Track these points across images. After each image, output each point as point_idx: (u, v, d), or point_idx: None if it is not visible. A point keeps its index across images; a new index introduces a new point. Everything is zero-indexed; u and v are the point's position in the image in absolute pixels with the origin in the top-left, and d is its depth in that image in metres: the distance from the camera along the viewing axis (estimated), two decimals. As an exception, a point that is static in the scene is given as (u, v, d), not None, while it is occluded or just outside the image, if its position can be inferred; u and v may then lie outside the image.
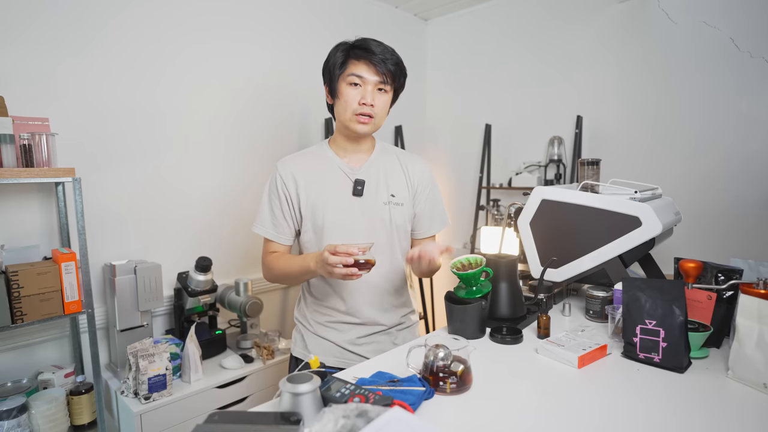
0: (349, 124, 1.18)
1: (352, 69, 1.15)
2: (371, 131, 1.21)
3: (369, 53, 1.14)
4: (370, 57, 1.14)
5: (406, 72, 1.21)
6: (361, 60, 1.15)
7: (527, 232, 1.40)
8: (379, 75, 1.15)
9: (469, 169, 2.93)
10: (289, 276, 1.22)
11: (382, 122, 1.22)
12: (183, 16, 1.96)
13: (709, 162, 2.04)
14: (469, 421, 0.79)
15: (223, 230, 2.17)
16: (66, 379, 1.62)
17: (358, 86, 1.15)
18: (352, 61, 1.15)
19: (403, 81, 1.22)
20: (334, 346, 1.25)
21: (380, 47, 1.16)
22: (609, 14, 2.30)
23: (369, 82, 1.15)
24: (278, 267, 1.23)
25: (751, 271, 1.20)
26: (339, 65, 1.16)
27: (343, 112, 1.18)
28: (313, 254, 1.13)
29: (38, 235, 1.67)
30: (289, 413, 0.71)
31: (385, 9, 2.80)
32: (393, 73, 1.17)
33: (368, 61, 1.14)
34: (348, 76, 1.15)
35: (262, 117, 2.28)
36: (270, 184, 1.26)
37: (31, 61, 1.61)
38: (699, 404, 0.84)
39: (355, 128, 1.18)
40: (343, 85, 1.17)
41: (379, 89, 1.17)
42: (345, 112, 1.17)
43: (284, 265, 1.21)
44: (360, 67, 1.15)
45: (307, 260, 1.14)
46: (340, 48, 1.18)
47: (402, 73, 1.20)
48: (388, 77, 1.16)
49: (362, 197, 1.22)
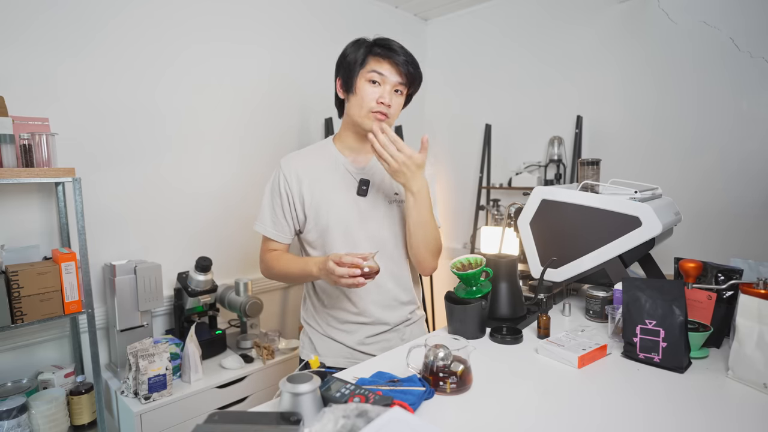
0: (363, 121, 1.16)
1: (375, 66, 1.13)
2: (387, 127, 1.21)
3: (392, 52, 1.13)
4: (392, 56, 1.13)
5: (422, 76, 1.20)
6: (384, 58, 1.13)
7: (527, 232, 1.40)
8: (401, 76, 1.14)
9: (469, 169, 2.93)
10: (287, 276, 1.23)
11: (393, 123, 1.21)
12: (183, 16, 1.96)
13: (709, 162, 2.04)
14: (469, 421, 0.79)
15: (223, 230, 2.17)
16: (66, 379, 1.62)
17: (377, 84, 1.14)
18: (374, 58, 1.14)
19: (419, 84, 1.21)
20: (344, 348, 1.25)
21: (402, 48, 1.15)
22: (609, 14, 2.30)
23: (389, 82, 1.14)
24: (278, 267, 1.23)
25: (751, 271, 1.20)
26: (360, 61, 1.14)
27: (357, 108, 1.16)
28: (316, 260, 1.13)
29: (38, 235, 1.67)
30: (289, 413, 0.71)
31: (385, 9, 2.80)
32: (413, 76, 1.16)
33: (391, 60, 1.13)
34: (369, 73, 1.14)
35: (262, 117, 2.28)
36: (272, 182, 1.25)
37: (31, 61, 1.62)
38: (699, 404, 0.84)
39: (370, 126, 1.15)
40: (362, 81, 1.15)
41: (396, 90, 1.16)
42: (360, 108, 1.15)
43: (284, 265, 1.22)
44: (383, 65, 1.13)
45: (309, 265, 1.14)
46: (360, 44, 1.16)
47: (419, 77, 1.19)
48: (408, 78, 1.16)
49: (366, 197, 1.22)
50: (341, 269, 1.00)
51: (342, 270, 1.00)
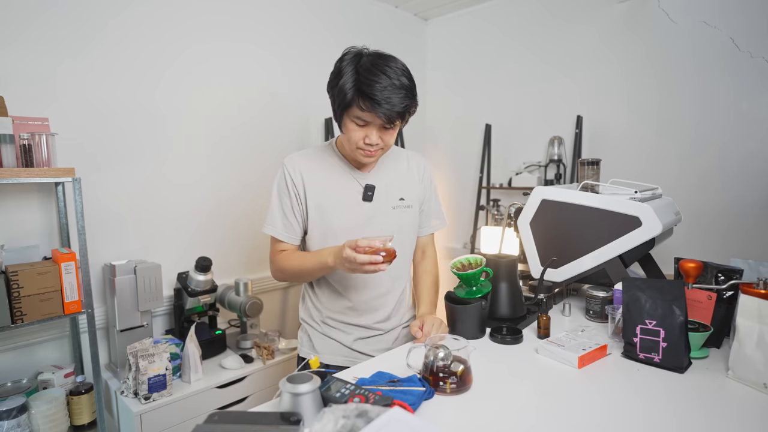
0: (354, 155, 1.15)
1: (357, 112, 1.06)
2: (376, 160, 1.20)
3: (374, 104, 1.03)
4: (375, 109, 1.03)
5: (417, 100, 1.10)
6: (365, 111, 1.05)
7: (527, 232, 1.40)
8: (386, 121, 1.07)
9: (469, 169, 2.93)
10: (302, 273, 1.19)
11: (389, 149, 1.19)
12: (183, 17, 1.96)
13: (709, 162, 2.04)
14: (469, 421, 0.79)
15: (223, 230, 2.17)
16: (66, 379, 1.62)
17: (363, 125, 1.09)
18: (358, 105, 1.05)
19: (414, 110, 1.12)
20: (342, 347, 1.25)
21: (385, 92, 1.02)
22: (609, 14, 2.30)
23: (374, 125, 1.09)
24: (290, 265, 1.20)
25: (751, 271, 1.20)
26: (346, 104, 1.07)
27: (347, 143, 1.14)
28: (330, 249, 1.11)
29: (38, 235, 1.67)
30: (289, 413, 0.71)
31: (385, 9, 2.80)
32: (401, 113, 1.07)
33: (373, 113, 1.04)
34: (353, 117, 1.08)
35: (262, 117, 2.28)
36: (278, 181, 1.22)
37: (31, 61, 1.61)
38: (699, 404, 0.84)
39: (360, 160, 1.15)
40: (348, 120, 1.10)
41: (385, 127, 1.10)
42: (349, 143, 1.13)
43: (297, 262, 1.19)
44: (365, 114, 1.06)
45: (323, 255, 1.12)
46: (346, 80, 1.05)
47: (413, 104, 1.09)
48: (396, 119, 1.07)
49: (371, 202, 1.21)
50: (363, 257, 0.98)
51: (364, 257, 0.98)
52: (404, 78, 1.06)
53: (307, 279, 1.25)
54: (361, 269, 1.00)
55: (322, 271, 1.16)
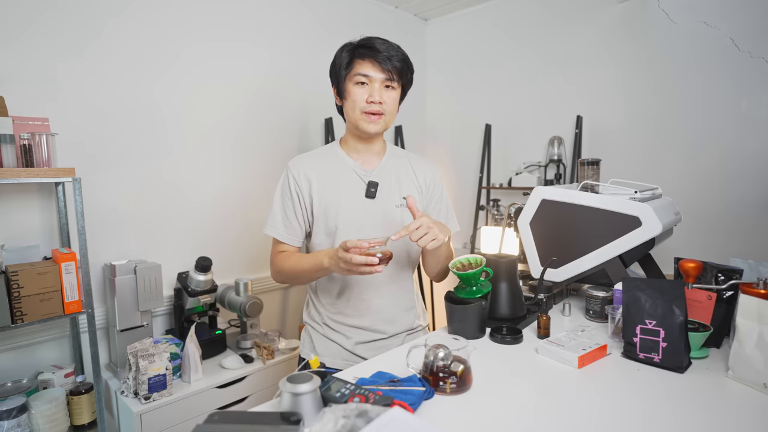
0: (359, 123, 1.17)
1: (358, 68, 1.15)
2: (382, 129, 1.21)
3: (374, 51, 1.14)
4: (375, 55, 1.14)
5: (412, 68, 1.21)
6: (366, 59, 1.15)
7: (527, 232, 1.40)
8: (385, 72, 1.15)
9: (469, 169, 2.93)
10: (299, 274, 1.20)
11: (392, 119, 1.21)
12: (183, 17, 1.96)
13: (709, 162, 2.04)
14: (469, 421, 0.79)
15: (223, 230, 2.17)
16: (66, 379, 1.62)
17: (365, 85, 1.16)
18: (357, 60, 1.15)
19: (411, 77, 1.22)
20: (343, 350, 1.25)
21: (385, 44, 1.15)
22: (609, 14, 2.30)
23: (375, 80, 1.15)
24: (288, 266, 1.20)
25: (751, 271, 1.20)
26: (345, 65, 1.16)
27: (351, 111, 1.18)
28: (326, 251, 1.12)
29: (38, 235, 1.67)
30: (289, 413, 0.71)
31: (385, 9, 2.80)
32: (399, 70, 1.16)
33: (373, 59, 1.14)
34: (354, 76, 1.16)
35: (262, 117, 2.28)
36: (282, 184, 1.24)
37: (31, 61, 1.61)
38: (699, 404, 0.84)
39: (365, 127, 1.17)
40: (350, 84, 1.17)
41: (386, 86, 1.17)
42: (353, 111, 1.17)
43: (294, 263, 1.19)
44: (365, 65, 1.15)
45: (319, 257, 1.12)
46: (345, 48, 1.18)
47: (409, 69, 1.20)
48: (395, 74, 1.16)
49: (375, 199, 1.22)
50: (359, 257, 0.98)
51: (360, 258, 0.98)
52: (399, 48, 1.18)
53: (304, 281, 1.25)
54: (357, 270, 1.00)
55: (318, 272, 1.16)
